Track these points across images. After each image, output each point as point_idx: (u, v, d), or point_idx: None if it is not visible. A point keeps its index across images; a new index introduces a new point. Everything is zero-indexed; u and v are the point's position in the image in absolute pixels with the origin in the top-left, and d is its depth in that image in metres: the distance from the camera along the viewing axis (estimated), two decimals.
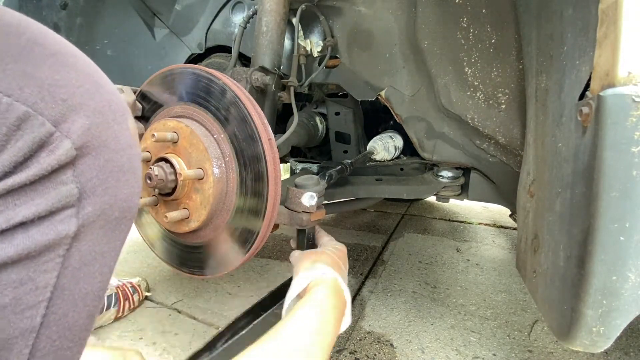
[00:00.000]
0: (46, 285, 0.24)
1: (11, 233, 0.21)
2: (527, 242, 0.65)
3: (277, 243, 1.88)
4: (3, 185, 0.21)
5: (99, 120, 0.25)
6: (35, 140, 0.22)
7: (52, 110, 0.23)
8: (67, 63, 0.25)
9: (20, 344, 0.23)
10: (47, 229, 0.23)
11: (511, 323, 1.16)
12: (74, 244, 0.25)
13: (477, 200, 1.01)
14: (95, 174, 0.25)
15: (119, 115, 0.27)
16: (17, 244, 0.21)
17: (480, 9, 0.74)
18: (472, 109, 0.83)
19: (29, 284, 0.23)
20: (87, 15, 1.25)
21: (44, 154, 0.22)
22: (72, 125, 0.23)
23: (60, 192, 0.23)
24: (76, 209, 0.24)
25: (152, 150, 0.64)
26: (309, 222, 0.74)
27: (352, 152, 1.22)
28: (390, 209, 2.55)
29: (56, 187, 0.23)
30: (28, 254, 0.22)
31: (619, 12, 0.38)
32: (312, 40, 0.99)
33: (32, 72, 0.22)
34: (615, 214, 0.40)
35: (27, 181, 0.21)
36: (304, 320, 0.47)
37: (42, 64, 0.23)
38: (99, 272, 0.27)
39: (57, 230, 0.23)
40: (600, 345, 0.44)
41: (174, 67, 0.66)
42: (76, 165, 0.24)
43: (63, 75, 0.24)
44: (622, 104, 0.38)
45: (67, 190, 0.24)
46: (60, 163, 0.23)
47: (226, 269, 0.68)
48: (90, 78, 0.26)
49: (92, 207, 0.25)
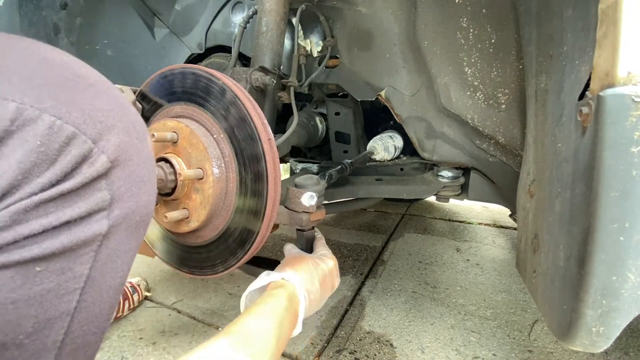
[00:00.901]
0: (81, 274, 0.28)
1: (59, 230, 0.26)
2: (527, 242, 0.65)
3: (277, 243, 1.88)
4: (56, 191, 0.26)
5: (127, 139, 0.30)
6: (80, 155, 0.27)
7: (92, 131, 0.28)
8: (102, 91, 0.30)
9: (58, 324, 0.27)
10: (85, 227, 0.28)
11: (511, 323, 1.16)
12: (104, 242, 0.29)
13: (477, 200, 1.01)
14: (122, 183, 0.30)
15: (141, 134, 0.33)
16: (63, 239, 0.26)
17: (480, 9, 0.74)
18: (472, 109, 0.83)
19: (68, 273, 0.27)
20: (87, 15, 1.25)
21: (86, 166, 0.27)
22: (107, 142, 0.29)
23: (96, 198, 0.28)
24: (108, 211, 0.29)
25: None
26: (308, 222, 0.74)
27: (352, 152, 1.22)
28: (390, 209, 2.55)
29: (93, 193, 0.28)
30: (71, 247, 0.27)
31: (618, 12, 0.38)
32: (312, 40, 0.99)
33: (77, 99, 0.28)
34: (615, 214, 0.40)
35: (73, 188, 0.27)
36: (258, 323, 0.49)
37: (83, 92, 0.28)
38: (120, 268, 0.32)
39: (93, 229, 0.28)
40: (600, 345, 0.44)
41: (173, 67, 0.66)
42: (109, 176, 0.29)
43: (99, 101, 0.29)
44: (622, 104, 0.38)
45: (102, 196, 0.29)
46: (98, 173, 0.28)
47: (226, 269, 0.68)
48: (118, 103, 0.31)
49: (120, 211, 0.30)
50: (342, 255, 1.73)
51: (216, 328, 1.16)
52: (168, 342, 1.08)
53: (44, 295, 0.26)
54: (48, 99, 0.26)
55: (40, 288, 0.26)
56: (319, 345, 1.07)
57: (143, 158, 0.32)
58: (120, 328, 1.15)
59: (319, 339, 1.10)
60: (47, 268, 0.26)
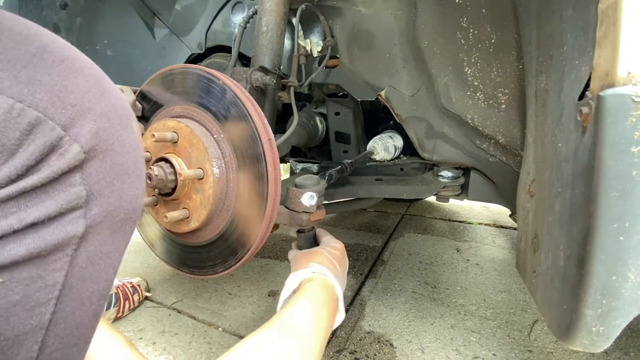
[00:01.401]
0: (55, 283, 0.25)
1: (23, 233, 0.22)
2: (527, 242, 0.65)
3: (277, 243, 1.88)
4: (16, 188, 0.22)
5: (106, 125, 0.26)
6: (46, 144, 0.23)
7: (62, 115, 0.23)
8: (75, 69, 0.26)
9: (30, 340, 0.24)
10: (56, 229, 0.24)
11: (511, 323, 1.16)
12: (81, 244, 0.26)
13: (477, 200, 1.01)
14: (102, 177, 0.26)
15: (124, 119, 0.28)
16: (28, 244, 0.22)
17: (480, 9, 0.74)
18: (472, 109, 0.83)
19: (39, 282, 0.24)
20: (87, 15, 1.25)
21: (54, 158, 0.23)
22: (81, 129, 0.24)
23: (69, 194, 0.24)
24: (84, 210, 0.25)
25: (152, 150, 0.64)
26: (308, 222, 0.74)
27: (352, 152, 1.22)
28: (390, 209, 2.55)
29: (65, 190, 0.24)
30: (39, 253, 0.23)
31: (618, 12, 0.38)
32: (312, 40, 0.99)
33: (43, 78, 0.23)
34: (615, 214, 0.40)
35: (38, 184, 0.22)
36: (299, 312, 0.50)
37: (51, 70, 0.24)
38: (104, 271, 0.29)
39: (66, 230, 0.24)
40: (600, 345, 0.44)
41: (174, 67, 0.66)
42: (84, 168, 0.25)
43: (72, 81, 0.25)
44: (622, 104, 0.38)
45: (76, 192, 0.25)
46: (69, 166, 0.24)
47: (226, 269, 0.68)
48: (97, 83, 0.27)
49: (99, 209, 0.26)
50: None
51: (216, 328, 1.16)
52: (168, 342, 1.08)
53: (10, 309, 0.22)
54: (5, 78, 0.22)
55: (5, 301, 0.22)
56: None
57: (127, 147, 0.28)
58: (120, 328, 1.15)
59: None
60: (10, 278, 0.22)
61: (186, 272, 0.73)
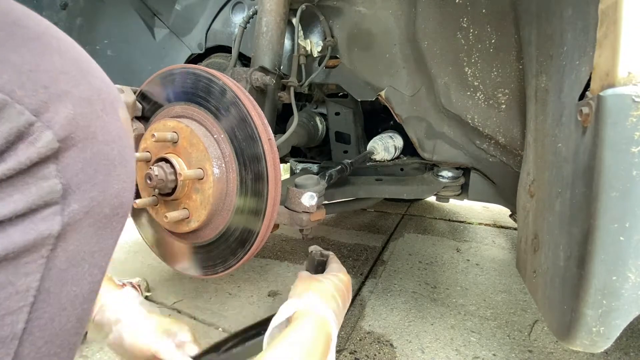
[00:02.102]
0: (28, 289, 0.22)
1: None
2: (527, 242, 0.65)
3: (277, 243, 1.88)
4: None
5: (86, 110, 0.23)
6: (13, 130, 0.19)
7: (32, 99, 0.20)
8: (50, 46, 0.22)
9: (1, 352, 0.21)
10: (27, 228, 0.21)
11: (511, 323, 1.16)
12: (58, 244, 0.23)
13: (477, 200, 1.01)
14: (81, 168, 0.23)
15: (108, 104, 0.25)
16: None
17: (480, 9, 0.74)
18: (472, 109, 0.83)
19: (8, 288, 0.21)
20: (87, 15, 1.25)
21: (23, 146, 0.20)
22: (55, 114, 0.21)
23: (41, 188, 0.21)
24: (60, 206, 0.22)
25: (152, 150, 0.64)
26: (308, 222, 0.74)
27: (352, 152, 1.22)
28: (390, 209, 2.55)
29: (37, 183, 0.21)
30: (6, 255, 0.20)
31: (618, 12, 0.38)
32: (312, 40, 0.99)
33: (11, 56, 0.20)
34: (615, 214, 0.40)
35: (3, 176, 0.19)
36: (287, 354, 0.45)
37: (22, 47, 0.21)
38: (88, 273, 0.26)
39: (38, 229, 0.21)
40: (600, 346, 0.44)
41: (174, 67, 0.66)
42: (60, 159, 0.22)
43: (45, 59, 0.22)
44: (622, 104, 0.38)
45: (50, 186, 0.22)
46: (40, 156, 0.21)
47: (226, 269, 0.68)
48: (76, 63, 0.24)
49: (79, 204, 0.23)
50: (342, 255, 1.73)
51: (216, 328, 1.16)
52: None
53: None
54: None
55: None
56: None
57: (112, 135, 0.25)
58: None
59: None
60: None
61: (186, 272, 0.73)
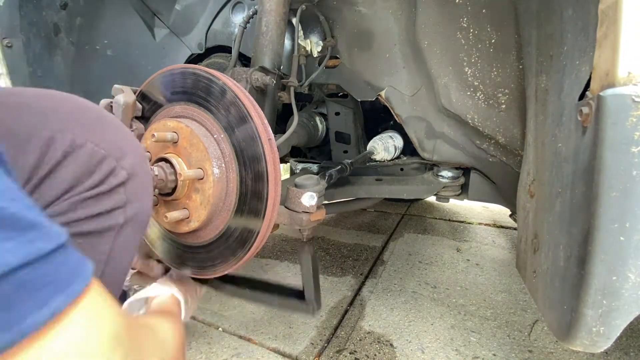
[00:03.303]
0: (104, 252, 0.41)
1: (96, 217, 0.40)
2: (527, 242, 0.65)
3: (277, 243, 1.88)
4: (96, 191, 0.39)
5: (137, 160, 0.44)
6: (108, 170, 0.40)
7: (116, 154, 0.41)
8: (118, 127, 0.45)
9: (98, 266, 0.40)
10: (109, 218, 0.41)
11: (511, 323, 1.16)
12: (119, 231, 0.42)
13: (477, 200, 1.01)
14: (133, 191, 0.43)
15: (144, 156, 0.47)
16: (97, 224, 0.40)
17: (480, 9, 0.74)
18: (472, 109, 0.83)
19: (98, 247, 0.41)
20: (87, 15, 1.25)
21: (112, 178, 0.41)
22: (125, 162, 0.42)
23: (117, 199, 0.41)
24: (124, 209, 0.42)
25: (152, 150, 0.64)
26: (308, 222, 0.74)
27: (352, 152, 1.22)
28: (390, 209, 2.55)
29: (115, 196, 0.41)
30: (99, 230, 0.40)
31: (618, 12, 0.38)
32: (312, 40, 0.99)
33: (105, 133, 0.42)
34: (615, 214, 0.40)
35: (103, 191, 0.40)
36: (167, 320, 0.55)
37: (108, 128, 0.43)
38: (127, 255, 0.45)
39: (114, 220, 0.41)
40: (600, 345, 0.45)
41: (174, 67, 0.66)
42: (126, 185, 0.42)
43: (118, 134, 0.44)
44: (622, 104, 0.38)
45: (120, 198, 0.42)
46: (119, 183, 0.41)
47: (226, 269, 0.68)
48: (128, 135, 0.45)
49: (131, 211, 0.43)
50: (342, 255, 1.73)
51: (216, 328, 1.16)
52: None
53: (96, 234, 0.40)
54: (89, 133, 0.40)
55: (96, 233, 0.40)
56: (319, 346, 1.07)
57: (145, 173, 0.46)
58: None
59: (319, 339, 1.10)
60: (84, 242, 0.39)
61: None
